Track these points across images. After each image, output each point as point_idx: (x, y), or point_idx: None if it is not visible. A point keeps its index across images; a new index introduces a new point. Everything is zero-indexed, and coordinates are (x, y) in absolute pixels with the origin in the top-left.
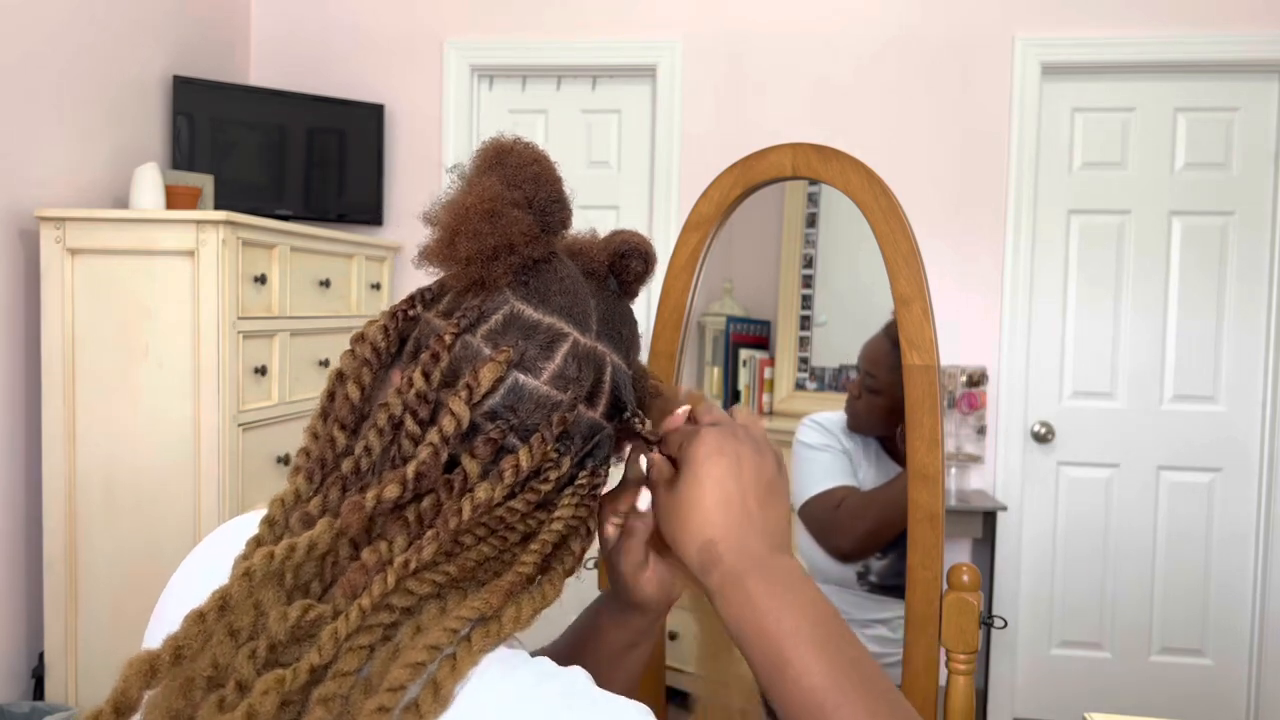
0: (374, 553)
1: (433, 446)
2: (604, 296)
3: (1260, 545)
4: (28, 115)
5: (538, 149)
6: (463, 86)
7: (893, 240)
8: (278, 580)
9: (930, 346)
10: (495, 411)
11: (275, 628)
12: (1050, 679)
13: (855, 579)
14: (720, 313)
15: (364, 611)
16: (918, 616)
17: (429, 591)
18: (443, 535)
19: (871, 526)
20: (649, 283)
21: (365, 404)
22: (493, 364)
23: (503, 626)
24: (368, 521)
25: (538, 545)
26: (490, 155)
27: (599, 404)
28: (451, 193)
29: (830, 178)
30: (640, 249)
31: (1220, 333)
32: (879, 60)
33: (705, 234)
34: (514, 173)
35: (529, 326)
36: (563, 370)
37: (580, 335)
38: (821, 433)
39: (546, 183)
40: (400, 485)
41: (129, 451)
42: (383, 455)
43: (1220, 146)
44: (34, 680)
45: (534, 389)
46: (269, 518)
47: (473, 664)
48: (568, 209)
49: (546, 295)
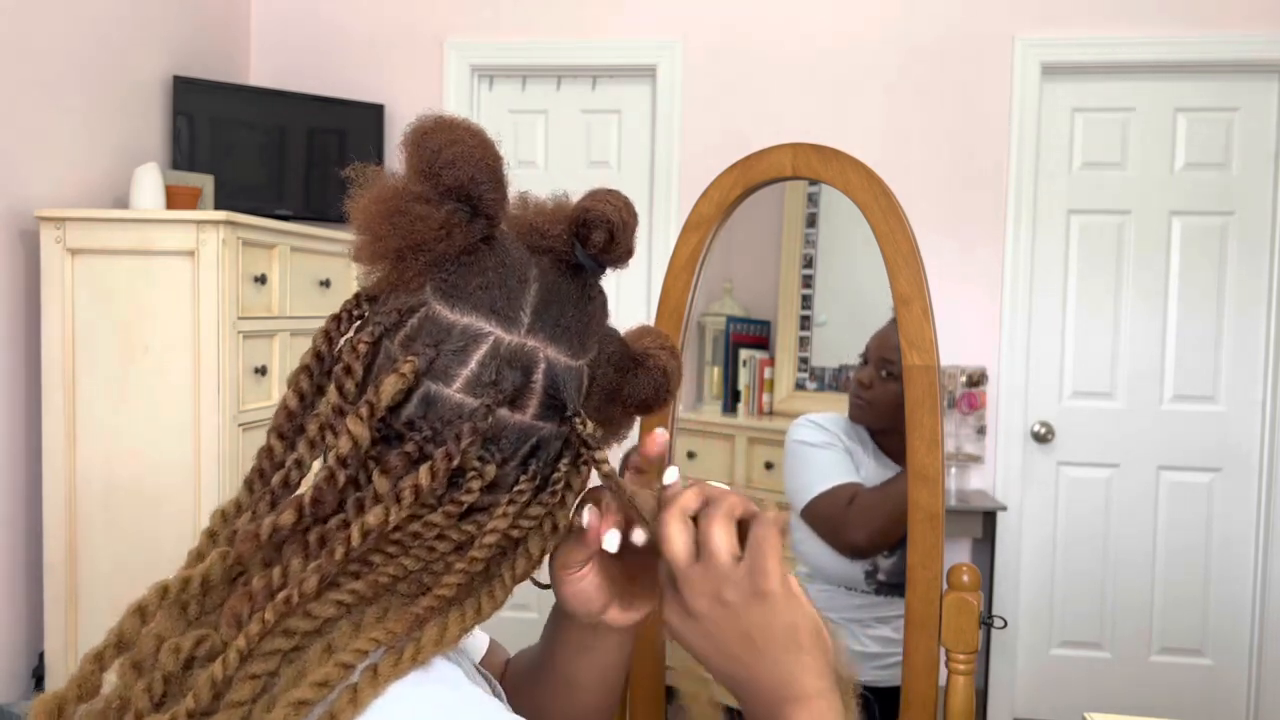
0: (264, 579)
1: (329, 470)
2: (550, 280)
3: (1260, 545)
4: (28, 115)
5: (460, 124)
6: (463, 86)
7: (893, 240)
8: (180, 611)
9: (930, 346)
10: (412, 421)
11: (166, 660)
12: (1050, 679)
13: (863, 578)
14: (720, 313)
15: (242, 652)
16: (918, 616)
17: (334, 613)
18: (327, 567)
19: (887, 521)
20: (620, 252)
21: (305, 413)
22: (395, 376)
23: (419, 650)
24: (276, 544)
25: (465, 562)
26: (407, 141)
27: (527, 406)
28: (363, 190)
29: (830, 178)
30: (601, 217)
31: (1220, 333)
32: (879, 60)
33: (705, 234)
34: (429, 159)
35: (443, 329)
36: (478, 375)
37: (504, 333)
38: (821, 431)
39: (468, 164)
40: (296, 512)
41: (129, 451)
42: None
43: (1220, 146)
44: (34, 680)
45: (446, 397)
46: (209, 529)
47: (375, 695)
48: (502, 189)
49: (466, 291)
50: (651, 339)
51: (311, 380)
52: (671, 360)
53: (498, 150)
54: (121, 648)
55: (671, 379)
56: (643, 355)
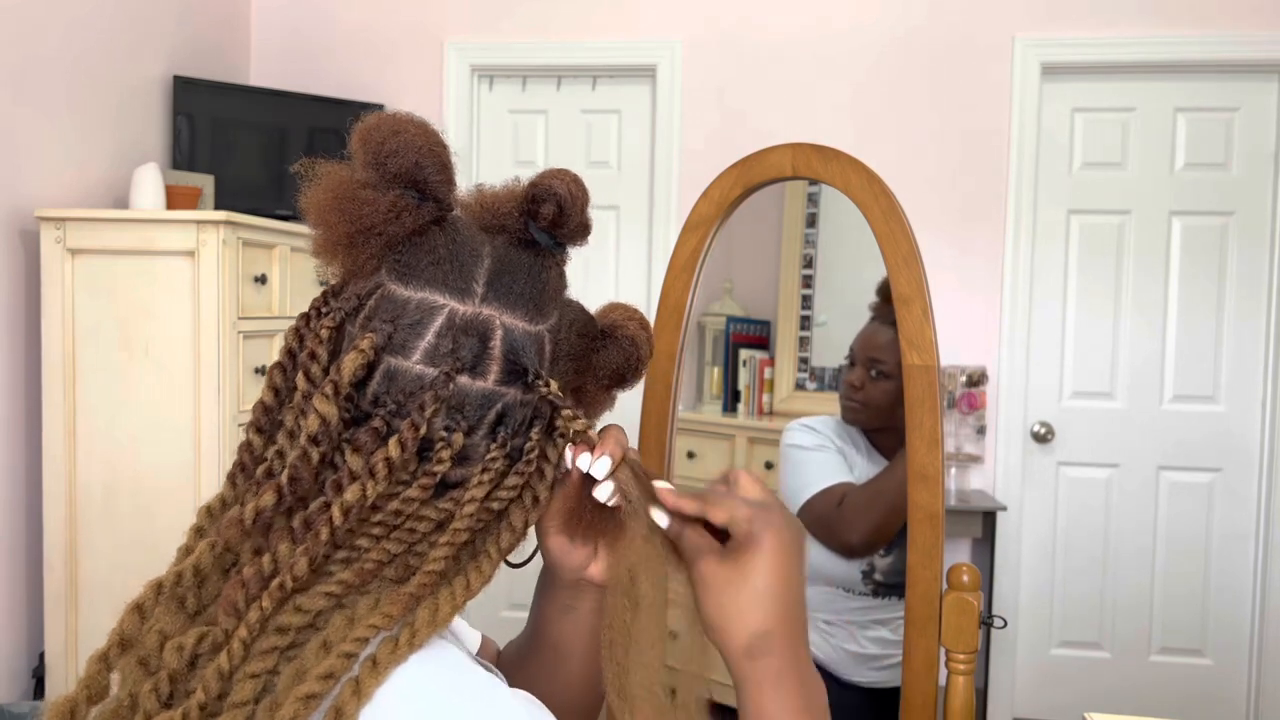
0: (254, 566)
1: (302, 449)
2: (503, 254)
3: (1260, 545)
4: (28, 115)
5: (404, 117)
6: (463, 86)
7: (893, 240)
8: (178, 605)
9: (930, 346)
10: (377, 398)
11: (170, 659)
12: (1050, 679)
13: (860, 579)
14: (720, 313)
15: (245, 641)
16: (918, 616)
17: (326, 605)
18: (314, 548)
19: (879, 518)
20: (573, 225)
21: (281, 407)
22: (355, 353)
23: (415, 634)
24: (263, 530)
25: (449, 535)
26: (355, 137)
27: (488, 372)
28: (313, 184)
29: (830, 178)
30: (549, 191)
31: (1220, 333)
32: (879, 60)
33: (705, 234)
34: (375, 150)
35: (399, 305)
36: (436, 346)
37: (458, 304)
38: (813, 434)
39: (411, 151)
40: (275, 493)
41: (129, 451)
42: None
43: (1220, 146)
44: (34, 680)
45: (406, 369)
46: (196, 525)
47: (378, 684)
48: (448, 172)
49: (418, 269)
50: (620, 312)
51: (285, 376)
52: (640, 330)
53: (442, 139)
54: (125, 646)
55: (641, 348)
56: (611, 326)
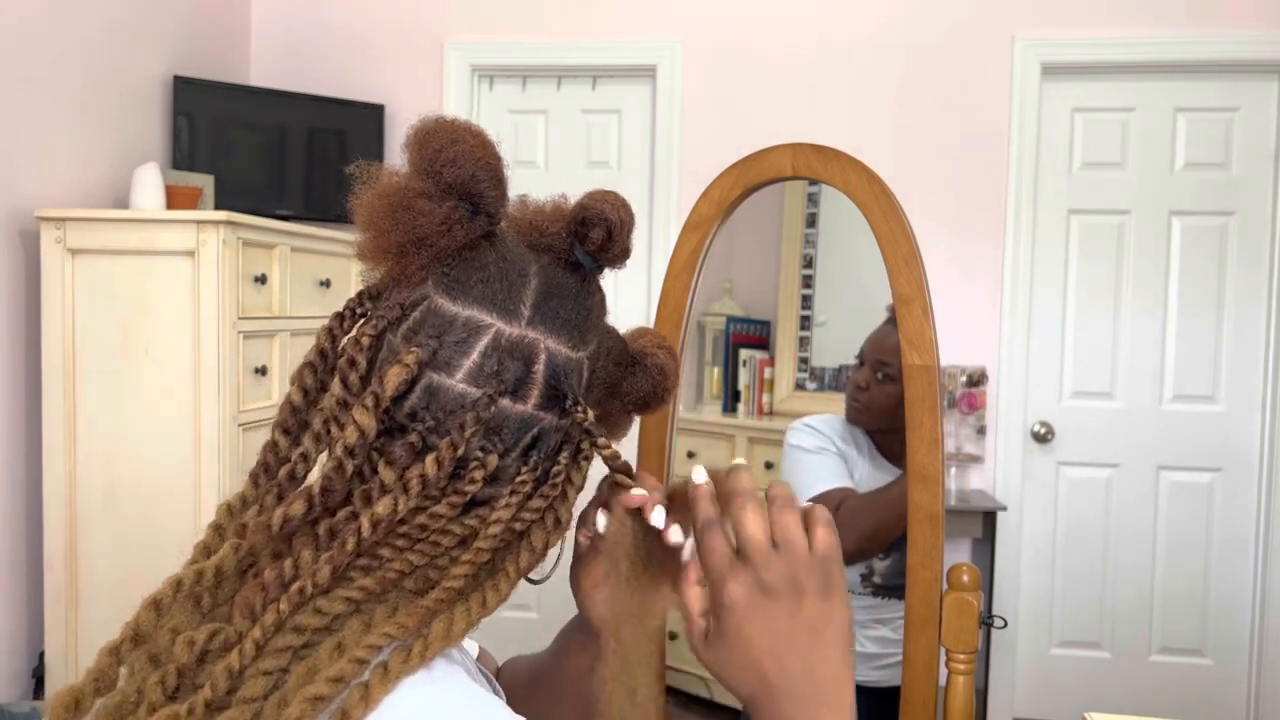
0: (275, 570)
1: (337, 460)
2: (550, 275)
3: (1260, 545)
4: (28, 115)
5: (462, 125)
6: (463, 86)
7: (893, 240)
8: (194, 603)
9: (930, 346)
10: (415, 412)
11: (180, 653)
12: (1050, 679)
13: (859, 580)
14: (720, 313)
15: (258, 642)
16: (918, 616)
17: (344, 610)
18: (339, 557)
19: (871, 529)
20: (617, 250)
21: (309, 408)
22: (399, 366)
23: (428, 646)
24: (287, 536)
25: (471, 554)
26: (410, 141)
27: (529, 396)
28: (366, 188)
29: (830, 178)
30: (599, 215)
31: (1220, 333)
32: (879, 60)
33: (705, 234)
34: (431, 158)
35: (445, 321)
36: (480, 366)
37: (505, 325)
38: (815, 435)
39: (468, 163)
40: (306, 502)
41: (129, 451)
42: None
43: (1220, 146)
44: (34, 680)
45: (449, 387)
46: (215, 523)
47: (386, 692)
48: (502, 187)
49: (467, 285)
50: (650, 339)
51: (315, 376)
52: (669, 360)
53: (498, 151)
54: (138, 641)
55: (669, 378)
56: (641, 354)
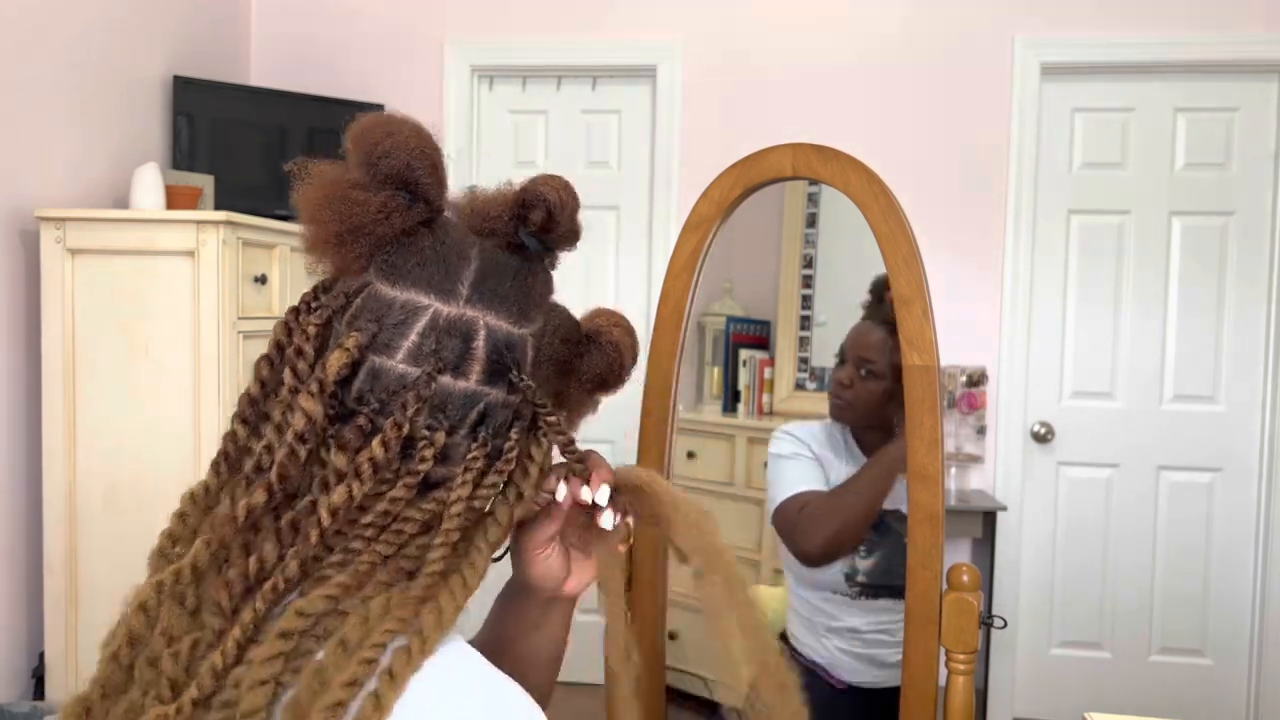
0: (239, 568)
1: (289, 446)
2: (490, 256)
3: (1260, 545)
4: (28, 115)
5: (398, 119)
6: (463, 86)
7: (892, 240)
8: (179, 604)
9: (930, 346)
10: (361, 396)
11: (169, 667)
12: (1050, 679)
13: (843, 581)
14: (720, 313)
15: (239, 642)
16: (918, 617)
17: (325, 608)
18: (304, 550)
19: (834, 528)
20: (562, 231)
21: (266, 400)
22: (340, 351)
23: (425, 641)
24: (252, 527)
25: (441, 535)
26: (349, 137)
27: (470, 372)
28: (307, 182)
29: (830, 178)
30: (539, 197)
31: (1220, 333)
32: (879, 60)
33: (705, 234)
34: (367, 150)
35: (384, 305)
36: (419, 345)
37: (443, 304)
38: (792, 442)
39: (403, 153)
40: (266, 491)
41: (129, 451)
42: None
43: (1220, 146)
44: (34, 680)
45: (390, 369)
46: (180, 512)
47: (398, 695)
48: (439, 175)
49: (405, 269)
50: (605, 318)
51: (272, 368)
52: (625, 336)
53: (435, 142)
54: (134, 644)
55: (624, 354)
56: (595, 332)
